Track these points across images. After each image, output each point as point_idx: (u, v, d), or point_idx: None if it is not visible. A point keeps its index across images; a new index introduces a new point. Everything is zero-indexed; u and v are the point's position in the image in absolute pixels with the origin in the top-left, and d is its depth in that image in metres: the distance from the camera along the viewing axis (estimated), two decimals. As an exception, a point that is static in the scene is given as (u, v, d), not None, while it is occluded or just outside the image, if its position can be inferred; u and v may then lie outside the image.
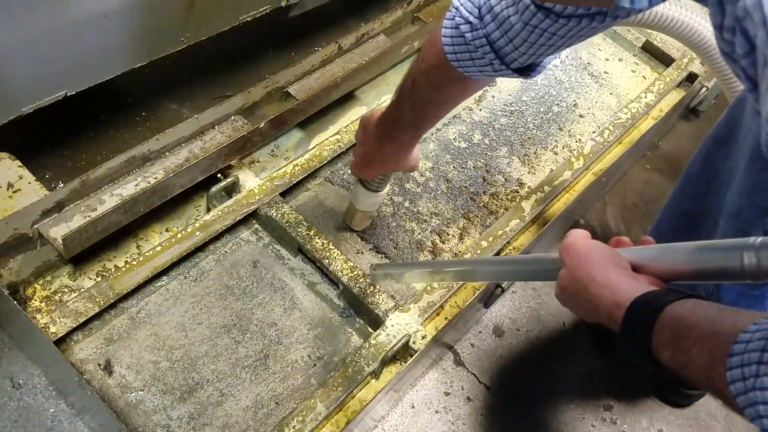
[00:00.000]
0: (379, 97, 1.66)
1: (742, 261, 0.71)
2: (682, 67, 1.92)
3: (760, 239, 0.71)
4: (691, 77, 1.94)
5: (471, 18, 0.94)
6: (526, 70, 1.00)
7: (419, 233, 1.48)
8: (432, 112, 1.14)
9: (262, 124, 1.36)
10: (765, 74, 0.56)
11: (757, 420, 0.60)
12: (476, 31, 0.94)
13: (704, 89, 1.98)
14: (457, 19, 0.96)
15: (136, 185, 1.22)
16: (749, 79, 0.62)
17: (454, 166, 1.61)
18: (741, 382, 0.61)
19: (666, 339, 0.71)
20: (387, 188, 1.35)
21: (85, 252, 1.19)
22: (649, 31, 2.04)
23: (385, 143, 1.20)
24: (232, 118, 1.39)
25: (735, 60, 0.64)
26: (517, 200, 1.54)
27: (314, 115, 1.52)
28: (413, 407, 1.38)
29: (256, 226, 1.39)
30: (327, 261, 1.31)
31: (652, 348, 0.73)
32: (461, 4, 0.95)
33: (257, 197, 1.36)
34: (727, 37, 0.64)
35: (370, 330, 1.29)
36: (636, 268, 0.82)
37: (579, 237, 0.86)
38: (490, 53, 0.95)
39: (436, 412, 1.39)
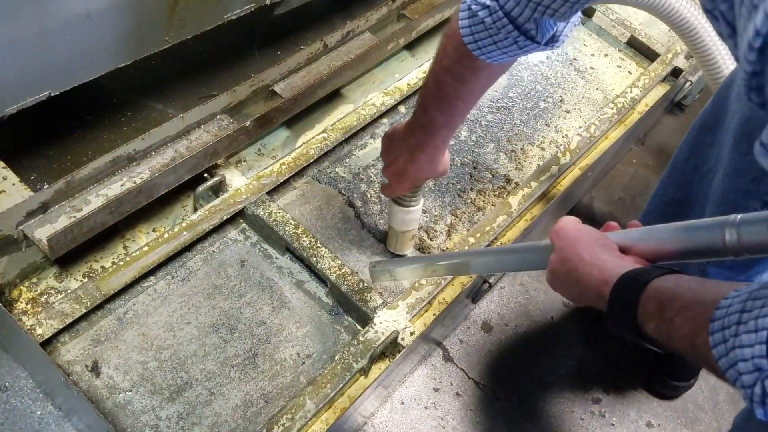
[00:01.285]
0: (365, 95, 1.66)
1: (724, 238, 0.74)
2: (667, 62, 1.94)
3: (740, 216, 0.74)
4: (676, 72, 1.95)
5: (487, 2, 0.94)
6: (550, 42, 1.00)
7: (407, 230, 1.48)
8: (461, 107, 1.13)
9: (248, 123, 1.36)
10: (741, 12, 0.58)
11: (738, 380, 0.61)
12: (495, 13, 0.94)
13: (689, 84, 1.99)
14: (473, 7, 0.96)
15: (121, 185, 1.22)
16: (728, 24, 0.63)
17: (441, 163, 1.62)
18: (722, 345, 0.63)
19: (651, 311, 0.73)
20: (422, 200, 1.34)
21: (71, 253, 1.18)
22: (634, 26, 2.06)
23: (417, 152, 1.18)
24: (218, 117, 1.39)
25: (716, 17, 0.65)
26: (504, 196, 1.55)
27: (300, 113, 1.52)
28: (402, 403, 1.39)
29: (244, 225, 1.38)
30: (315, 259, 1.31)
31: (637, 321, 0.75)
32: None
33: (244, 196, 1.35)
34: None
35: (359, 327, 1.30)
36: (623, 250, 0.85)
37: (569, 221, 0.89)
38: (513, 31, 0.95)
39: (426, 407, 1.40)
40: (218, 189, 1.36)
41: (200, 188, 1.32)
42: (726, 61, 1.59)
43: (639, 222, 0.91)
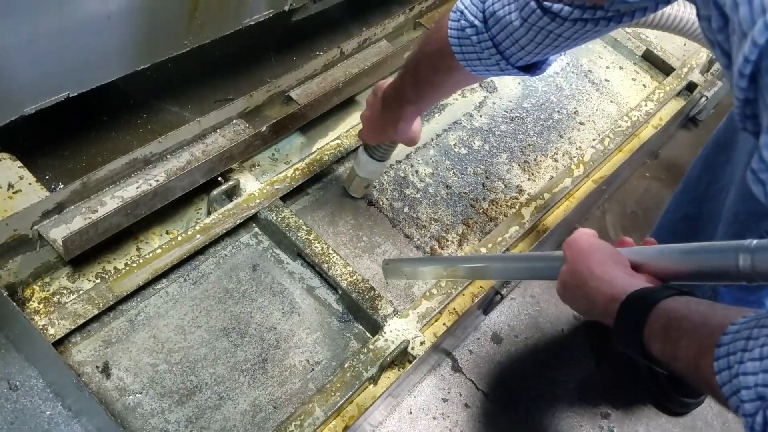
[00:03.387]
0: (380, 103, 1.66)
1: (738, 262, 0.73)
2: (682, 76, 1.93)
3: (755, 242, 0.73)
4: (691, 86, 1.95)
5: (476, 22, 0.96)
6: (531, 68, 1.02)
7: (418, 239, 1.48)
8: (430, 93, 1.17)
9: (264, 128, 1.36)
10: (734, 41, 0.58)
11: (740, 408, 0.60)
12: (482, 35, 0.96)
13: (704, 99, 1.98)
14: (462, 22, 0.98)
15: (137, 187, 1.22)
16: (725, 55, 0.63)
17: (453, 172, 1.62)
18: (726, 371, 0.62)
19: (657, 331, 0.73)
20: (390, 160, 1.39)
21: (85, 253, 1.18)
22: (650, 39, 2.05)
23: (386, 112, 1.23)
24: (234, 121, 1.39)
25: (723, 50, 0.65)
26: (517, 207, 1.54)
27: (315, 119, 1.52)
28: (411, 413, 1.38)
29: (256, 229, 1.38)
30: (326, 265, 1.31)
31: (643, 340, 0.74)
32: (465, 8, 0.97)
33: (257, 201, 1.36)
34: (705, 25, 0.66)
35: (369, 335, 1.29)
36: (636, 267, 0.84)
37: (583, 234, 0.89)
38: (496, 54, 0.97)
39: (434, 418, 1.39)
40: (232, 193, 1.37)
41: (214, 192, 1.32)
42: None
43: (654, 239, 0.90)
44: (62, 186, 1.17)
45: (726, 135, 1.31)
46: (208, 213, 1.35)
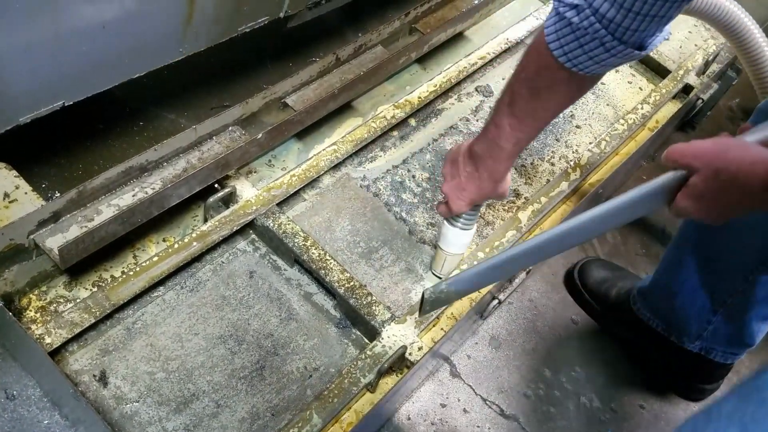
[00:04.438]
0: (375, 108, 1.67)
1: None
2: (678, 79, 1.93)
3: None
4: (687, 89, 1.95)
5: (576, 1, 0.94)
6: (638, 47, 0.98)
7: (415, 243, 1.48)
8: (530, 124, 1.12)
9: (260, 135, 1.36)
10: None
11: None
12: (583, 12, 0.94)
13: (700, 101, 1.99)
14: (561, 8, 0.96)
15: (133, 195, 1.22)
16: None
17: (451, 177, 1.61)
18: None
19: None
20: (476, 227, 1.33)
21: (81, 262, 1.18)
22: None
23: (481, 167, 1.19)
24: (230, 128, 1.39)
25: None
26: (514, 211, 1.55)
27: (311, 125, 1.52)
28: (409, 419, 1.38)
29: (253, 236, 1.38)
30: (323, 272, 1.30)
31: None
32: None
33: (254, 207, 1.35)
34: None
35: (367, 341, 1.29)
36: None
37: (694, 141, 0.85)
38: (600, 30, 0.94)
39: (432, 424, 1.39)
40: (229, 200, 1.37)
41: (211, 199, 1.32)
42: None
43: (749, 124, 0.89)
44: (58, 195, 1.17)
45: None
46: (205, 220, 1.35)
